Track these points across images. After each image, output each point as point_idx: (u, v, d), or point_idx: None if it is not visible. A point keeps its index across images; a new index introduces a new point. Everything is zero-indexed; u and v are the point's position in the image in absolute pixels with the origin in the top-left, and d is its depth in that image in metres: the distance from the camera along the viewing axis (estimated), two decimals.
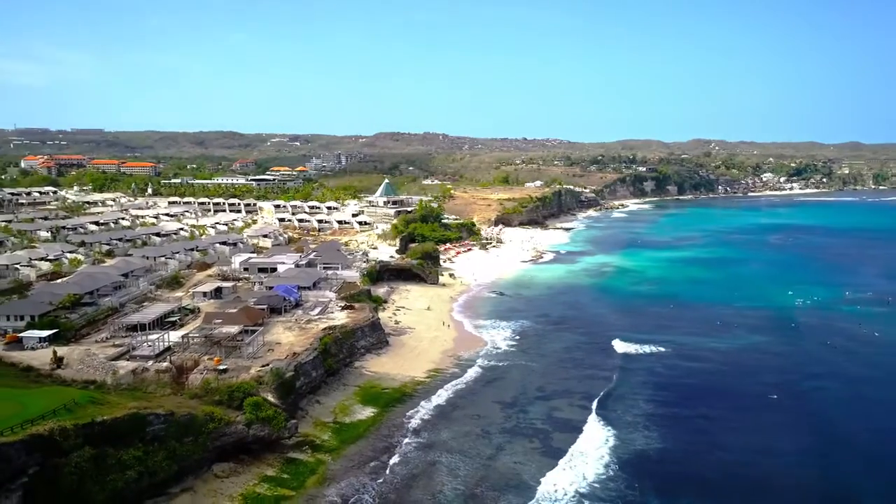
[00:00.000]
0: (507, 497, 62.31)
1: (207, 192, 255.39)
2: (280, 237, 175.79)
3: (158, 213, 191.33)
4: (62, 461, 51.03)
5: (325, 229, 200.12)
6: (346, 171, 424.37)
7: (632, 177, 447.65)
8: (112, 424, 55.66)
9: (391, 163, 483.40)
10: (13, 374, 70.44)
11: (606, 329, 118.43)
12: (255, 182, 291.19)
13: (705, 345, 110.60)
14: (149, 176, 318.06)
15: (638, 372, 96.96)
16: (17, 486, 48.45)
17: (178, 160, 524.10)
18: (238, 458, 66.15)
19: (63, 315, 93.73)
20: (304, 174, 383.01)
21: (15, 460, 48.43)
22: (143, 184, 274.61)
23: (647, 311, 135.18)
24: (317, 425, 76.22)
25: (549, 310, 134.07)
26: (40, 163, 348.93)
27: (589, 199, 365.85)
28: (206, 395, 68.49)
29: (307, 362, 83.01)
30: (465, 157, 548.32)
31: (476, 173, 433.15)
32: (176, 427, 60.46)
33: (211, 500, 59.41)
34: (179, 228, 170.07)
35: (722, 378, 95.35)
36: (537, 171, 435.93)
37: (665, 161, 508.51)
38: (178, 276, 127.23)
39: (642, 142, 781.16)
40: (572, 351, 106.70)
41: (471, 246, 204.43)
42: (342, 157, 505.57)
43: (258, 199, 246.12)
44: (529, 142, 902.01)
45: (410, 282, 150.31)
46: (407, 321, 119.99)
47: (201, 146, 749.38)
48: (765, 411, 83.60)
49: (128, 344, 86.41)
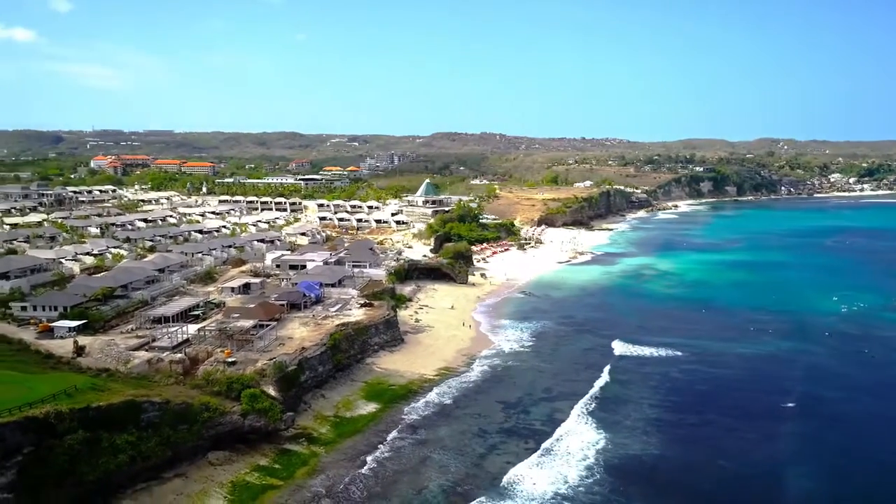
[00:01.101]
0: (490, 495, 62.55)
1: (257, 191, 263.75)
2: (317, 235, 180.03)
3: (205, 211, 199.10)
4: (56, 442, 54.35)
5: (363, 228, 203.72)
6: (398, 171, 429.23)
7: (687, 177, 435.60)
8: (107, 410, 58.84)
9: (442, 163, 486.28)
10: (34, 360, 75.09)
11: (628, 332, 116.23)
12: (303, 181, 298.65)
13: (730, 350, 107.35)
14: (206, 175, 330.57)
15: (651, 376, 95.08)
16: (11, 464, 51.87)
17: (240, 160, 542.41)
18: (234, 447, 68.64)
19: (95, 307, 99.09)
20: (355, 174, 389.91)
21: (10, 439, 51.89)
22: (199, 183, 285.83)
23: (676, 314, 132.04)
24: (317, 419, 78.21)
25: (575, 311, 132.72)
26: (108, 163, 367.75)
27: (640, 200, 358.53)
28: (206, 386, 71.39)
29: (313, 357, 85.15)
30: (519, 157, 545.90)
31: (527, 173, 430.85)
32: (171, 415, 63.34)
33: (201, 485, 62.00)
34: (221, 226, 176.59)
35: (738, 385, 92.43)
36: (589, 171, 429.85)
37: (725, 161, 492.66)
38: (213, 271, 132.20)
39: (705, 141, 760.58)
40: (588, 353, 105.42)
41: (508, 246, 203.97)
42: (395, 158, 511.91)
43: (305, 198, 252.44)
44: (588, 141, 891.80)
45: (440, 281, 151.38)
46: (427, 320, 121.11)
47: (263, 146, 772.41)
48: (777, 421, 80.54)
49: (149, 335, 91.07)
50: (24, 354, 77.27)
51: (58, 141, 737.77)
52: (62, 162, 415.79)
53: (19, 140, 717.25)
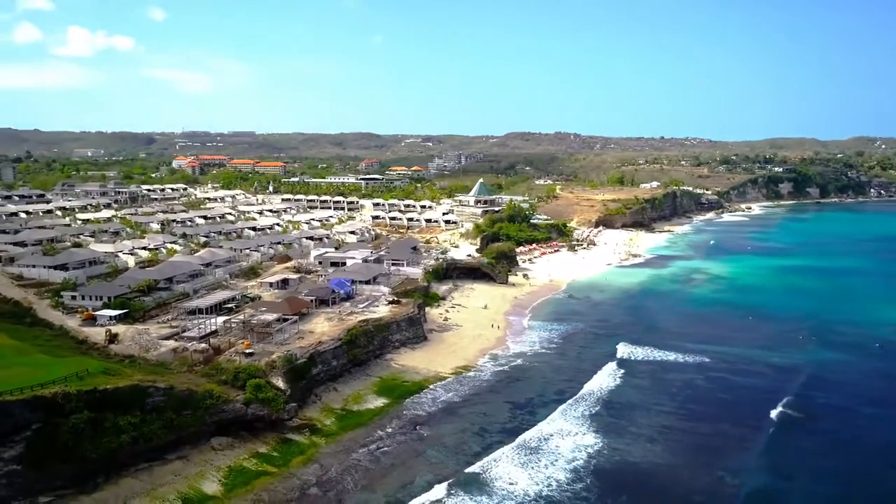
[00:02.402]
0: (472, 492, 63.00)
1: (319, 190, 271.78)
2: (366, 234, 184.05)
3: (262, 209, 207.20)
4: (62, 421, 58.87)
5: (413, 227, 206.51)
6: (462, 172, 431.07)
7: (765, 178, 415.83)
8: (113, 393, 63.12)
9: (508, 163, 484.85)
10: (68, 345, 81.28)
11: (660, 337, 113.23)
12: (363, 181, 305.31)
13: (763, 359, 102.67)
14: (275, 175, 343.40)
15: (672, 382, 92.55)
16: (20, 439, 56.70)
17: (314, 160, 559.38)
18: (238, 434, 71.92)
19: (137, 297, 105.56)
20: (418, 174, 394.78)
21: (18, 416, 56.71)
22: (266, 182, 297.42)
23: (718, 320, 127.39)
24: (324, 411, 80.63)
25: (611, 315, 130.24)
26: (187, 163, 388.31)
27: (710, 202, 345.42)
28: (215, 375, 75.13)
29: (327, 351, 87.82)
30: (588, 157, 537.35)
31: (593, 174, 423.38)
32: (175, 400, 67.12)
33: (200, 468, 65.44)
34: (275, 223, 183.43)
35: (762, 395, 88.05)
36: (660, 171, 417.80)
37: (808, 161, 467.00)
38: (257, 267, 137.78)
39: (794, 140, 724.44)
40: (611, 357, 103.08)
41: (558, 247, 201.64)
42: (462, 158, 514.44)
43: (363, 197, 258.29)
44: (666, 141, 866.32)
45: (480, 281, 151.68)
46: (457, 318, 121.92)
47: (340, 147, 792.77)
48: (794, 433, 77.04)
49: (181, 326, 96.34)
50: (61, 340, 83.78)
51: (150, 142, 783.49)
52: (147, 162, 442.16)
53: (116, 141, 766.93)
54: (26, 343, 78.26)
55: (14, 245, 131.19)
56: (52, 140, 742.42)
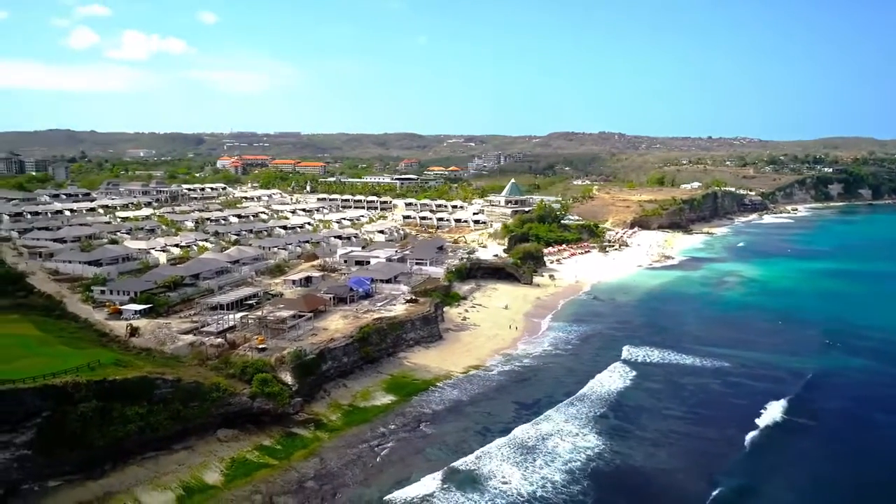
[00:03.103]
0: (466, 491, 63.39)
1: (355, 190, 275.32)
2: (395, 233, 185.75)
3: (295, 209, 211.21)
4: (71, 409, 61.67)
5: (443, 227, 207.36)
6: (500, 172, 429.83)
7: (813, 179, 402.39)
8: (122, 384, 65.68)
9: (547, 163, 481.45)
10: (91, 338, 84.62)
11: (681, 340, 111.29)
12: (398, 181, 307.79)
13: (785, 364, 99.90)
14: (313, 175, 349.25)
15: (685, 387, 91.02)
16: (31, 425, 59.63)
17: (355, 160, 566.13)
18: (245, 427, 73.89)
19: (163, 293, 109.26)
20: (455, 174, 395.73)
21: (29, 403, 59.63)
22: (304, 182, 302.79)
23: (744, 324, 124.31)
24: (331, 406, 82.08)
25: (633, 317, 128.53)
26: (230, 163, 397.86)
27: (754, 203, 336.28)
28: (224, 368, 77.31)
29: (337, 348, 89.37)
30: (631, 158, 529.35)
31: (632, 174, 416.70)
32: (182, 392, 69.43)
33: (204, 458, 67.57)
34: (306, 222, 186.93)
35: (775, 401, 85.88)
36: (703, 171, 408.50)
37: (860, 161, 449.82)
38: (283, 264, 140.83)
39: (849, 139, 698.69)
40: (627, 360, 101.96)
41: (589, 248, 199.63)
42: (501, 158, 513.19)
43: (397, 197, 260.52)
44: (714, 141, 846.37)
45: (504, 281, 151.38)
46: (475, 318, 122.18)
47: (382, 147, 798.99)
48: (803, 440, 75.18)
49: (202, 321, 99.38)
50: (84, 332, 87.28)
51: (199, 143, 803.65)
52: (194, 162, 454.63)
53: (167, 142, 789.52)
54: (51, 335, 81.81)
55: (54, 241, 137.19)
56: (107, 141, 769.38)
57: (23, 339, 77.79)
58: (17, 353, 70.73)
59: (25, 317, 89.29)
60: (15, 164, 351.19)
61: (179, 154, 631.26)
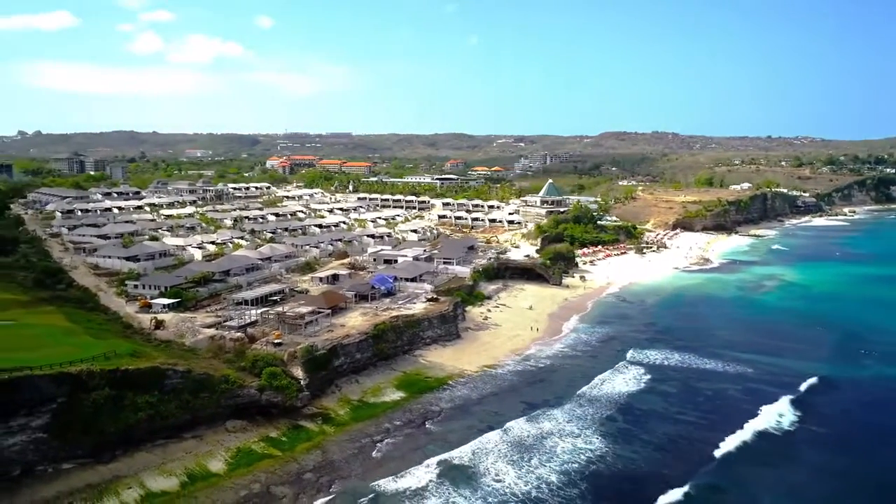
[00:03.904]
0: (458, 486, 63.93)
1: (395, 189, 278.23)
2: (428, 233, 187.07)
3: (333, 207, 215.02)
4: (84, 396, 64.95)
5: (477, 227, 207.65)
6: (545, 172, 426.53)
7: (874, 179, 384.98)
8: (133, 373, 68.70)
9: (593, 163, 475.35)
10: (115, 330, 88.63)
11: (705, 344, 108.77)
12: (439, 181, 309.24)
13: (812, 371, 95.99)
14: (357, 175, 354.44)
15: (701, 391, 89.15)
16: (46, 410, 63.04)
17: (404, 160, 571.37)
18: (254, 418, 76.17)
19: (192, 288, 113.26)
20: (499, 174, 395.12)
21: (45, 389, 63.03)
22: (347, 181, 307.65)
23: (775, 329, 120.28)
24: (340, 401, 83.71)
25: (660, 319, 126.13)
26: (279, 163, 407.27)
27: (807, 205, 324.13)
28: (236, 361, 79.88)
29: (351, 344, 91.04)
30: (682, 158, 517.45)
31: (680, 174, 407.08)
32: (192, 383, 72.09)
33: (210, 447, 70.03)
34: (341, 221, 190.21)
35: (793, 409, 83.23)
36: (755, 172, 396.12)
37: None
38: (313, 262, 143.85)
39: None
40: (644, 363, 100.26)
41: (625, 249, 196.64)
42: (547, 158, 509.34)
43: (437, 196, 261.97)
44: (773, 140, 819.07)
45: (533, 281, 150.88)
46: (497, 318, 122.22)
47: (433, 147, 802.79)
48: (813, 450, 72.67)
49: (226, 315, 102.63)
50: (111, 324, 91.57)
51: (254, 143, 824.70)
52: (247, 162, 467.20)
53: (223, 143, 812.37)
54: (79, 325, 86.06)
55: (98, 237, 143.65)
56: (167, 142, 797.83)
57: (51, 328, 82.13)
58: (42, 342, 74.74)
59: (59, 308, 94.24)
60: (76, 163, 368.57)
61: (234, 154, 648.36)
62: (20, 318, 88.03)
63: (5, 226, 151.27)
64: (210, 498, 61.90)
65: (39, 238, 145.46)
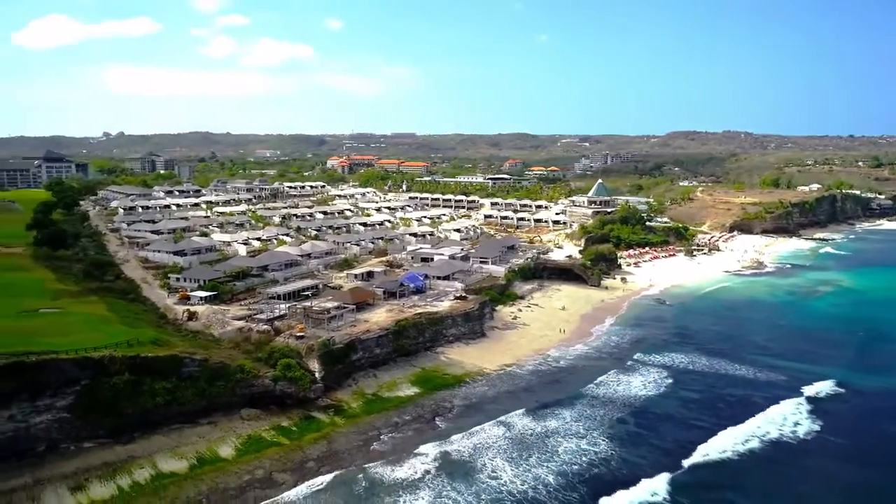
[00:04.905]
0: (454, 479, 64.68)
1: (447, 189, 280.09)
2: (471, 232, 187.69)
3: (381, 206, 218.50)
4: (106, 380, 69.21)
5: (522, 226, 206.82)
6: (603, 172, 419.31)
7: None
8: (153, 360, 72.66)
9: (654, 163, 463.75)
10: (150, 319, 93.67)
11: (738, 349, 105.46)
12: (490, 180, 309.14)
13: (847, 381, 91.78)
14: (412, 174, 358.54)
15: (724, 397, 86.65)
16: (71, 391, 67.55)
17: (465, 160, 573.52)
18: (269, 407, 79.12)
19: (230, 282, 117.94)
20: (555, 174, 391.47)
21: (70, 372, 67.49)
22: (401, 181, 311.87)
23: (820, 336, 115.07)
24: (355, 394, 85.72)
25: (696, 323, 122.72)
26: (338, 163, 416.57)
27: (882, 207, 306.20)
28: (254, 352, 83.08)
29: (370, 339, 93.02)
30: (751, 157, 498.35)
31: (745, 175, 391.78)
32: (208, 371, 75.53)
33: (223, 433, 73.19)
34: (386, 220, 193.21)
35: (817, 419, 79.73)
36: (828, 172, 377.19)
37: None
38: (352, 259, 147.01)
39: None
40: (666, 366, 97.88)
41: (674, 251, 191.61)
42: (608, 158, 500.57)
43: (488, 196, 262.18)
44: (856, 140, 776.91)
45: (571, 282, 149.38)
46: (527, 318, 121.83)
47: (496, 147, 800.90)
48: (830, 462, 69.51)
49: (257, 309, 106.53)
50: (147, 314, 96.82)
51: (321, 143, 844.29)
52: (309, 162, 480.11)
53: (292, 143, 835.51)
54: (117, 315, 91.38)
55: (151, 233, 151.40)
56: (239, 142, 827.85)
57: (90, 317, 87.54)
58: (77, 329, 79.80)
59: (102, 298, 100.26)
60: (148, 163, 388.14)
61: (301, 154, 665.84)
62: (67, 306, 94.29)
63: (71, 221, 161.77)
64: (215, 481, 64.83)
65: (100, 233, 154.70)
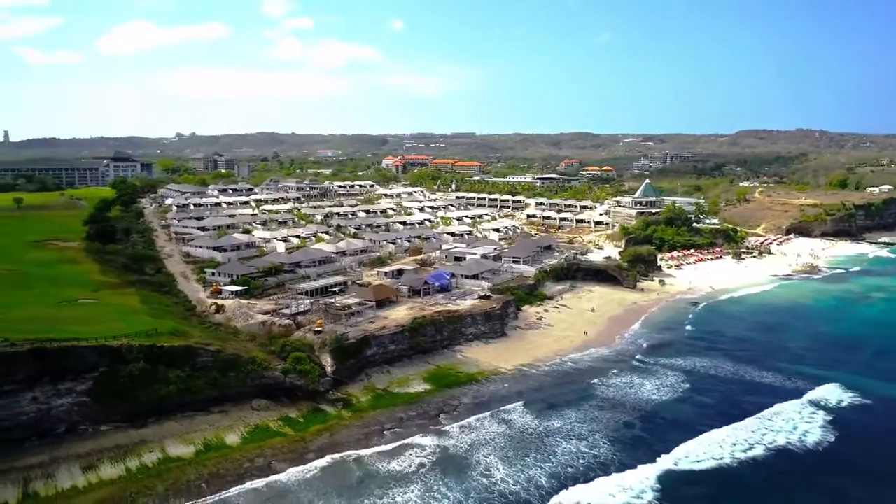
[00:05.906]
0: (446, 476, 65.19)
1: (494, 189, 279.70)
2: (510, 232, 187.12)
3: (424, 205, 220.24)
4: (122, 367, 73.06)
5: (564, 227, 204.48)
6: (659, 172, 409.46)
7: None
8: (168, 350, 76.18)
9: (715, 163, 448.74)
10: (177, 311, 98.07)
11: (769, 356, 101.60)
12: (538, 180, 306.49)
13: (882, 393, 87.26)
14: (466, 174, 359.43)
15: (740, 405, 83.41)
16: (89, 377, 71.70)
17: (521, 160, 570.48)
18: (279, 398, 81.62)
19: (261, 277, 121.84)
20: (608, 174, 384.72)
21: (88, 359, 71.63)
22: (450, 180, 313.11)
23: (863, 345, 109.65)
24: (365, 389, 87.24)
25: (731, 328, 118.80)
26: (392, 162, 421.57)
27: None
28: (268, 345, 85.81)
29: (384, 335, 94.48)
30: (821, 157, 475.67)
31: (815, 175, 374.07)
32: (220, 362, 78.61)
33: (232, 422, 76.00)
34: (426, 219, 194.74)
35: (838, 431, 76.16)
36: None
37: None
38: (386, 257, 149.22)
39: None
40: (690, 372, 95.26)
41: (721, 254, 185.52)
42: (668, 158, 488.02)
43: (535, 196, 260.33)
44: None
45: (605, 283, 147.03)
46: (552, 318, 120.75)
47: (556, 146, 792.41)
48: (844, 477, 66.30)
49: (284, 303, 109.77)
50: (176, 307, 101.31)
51: (383, 143, 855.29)
52: (366, 161, 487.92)
53: (354, 143, 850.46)
54: (147, 306, 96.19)
55: (198, 229, 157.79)
56: (303, 142, 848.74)
57: (121, 308, 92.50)
58: (105, 318, 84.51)
59: (138, 291, 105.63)
60: (210, 162, 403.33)
61: (362, 154, 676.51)
62: (104, 297, 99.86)
63: (128, 217, 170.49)
64: (217, 467, 67.44)
65: (151, 229, 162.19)
